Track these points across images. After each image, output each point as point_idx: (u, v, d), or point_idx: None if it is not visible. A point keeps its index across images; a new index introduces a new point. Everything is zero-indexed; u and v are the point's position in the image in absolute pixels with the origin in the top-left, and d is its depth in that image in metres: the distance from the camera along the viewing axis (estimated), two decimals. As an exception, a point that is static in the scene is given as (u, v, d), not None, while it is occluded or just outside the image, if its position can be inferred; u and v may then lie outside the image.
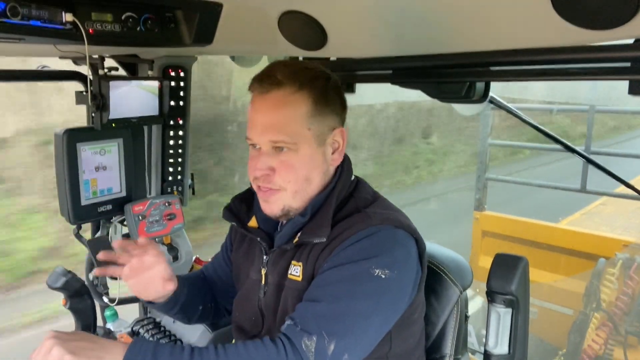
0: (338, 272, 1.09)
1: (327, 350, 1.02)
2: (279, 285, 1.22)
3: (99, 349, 0.99)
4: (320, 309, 1.06)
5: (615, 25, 0.92)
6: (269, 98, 1.14)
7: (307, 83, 1.15)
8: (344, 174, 1.24)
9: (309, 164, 1.17)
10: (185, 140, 1.94)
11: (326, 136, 1.19)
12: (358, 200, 1.21)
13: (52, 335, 0.99)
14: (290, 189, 1.17)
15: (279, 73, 1.14)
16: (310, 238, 1.16)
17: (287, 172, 1.15)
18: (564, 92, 4.99)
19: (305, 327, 1.04)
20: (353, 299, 1.06)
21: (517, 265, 1.32)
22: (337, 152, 1.22)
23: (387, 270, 1.08)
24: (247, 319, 1.31)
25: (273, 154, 1.16)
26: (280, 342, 1.03)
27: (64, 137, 1.55)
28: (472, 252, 4.82)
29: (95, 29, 1.16)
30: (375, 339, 1.12)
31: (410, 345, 1.25)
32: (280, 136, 1.13)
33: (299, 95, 1.14)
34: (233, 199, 1.38)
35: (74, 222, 1.65)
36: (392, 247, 1.12)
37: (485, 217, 4.82)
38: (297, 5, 1.25)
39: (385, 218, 1.15)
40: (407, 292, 1.16)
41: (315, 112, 1.16)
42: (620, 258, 3.83)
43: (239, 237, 1.41)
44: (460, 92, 1.51)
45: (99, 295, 1.81)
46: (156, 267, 1.28)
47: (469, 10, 1.08)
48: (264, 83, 1.15)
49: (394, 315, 1.14)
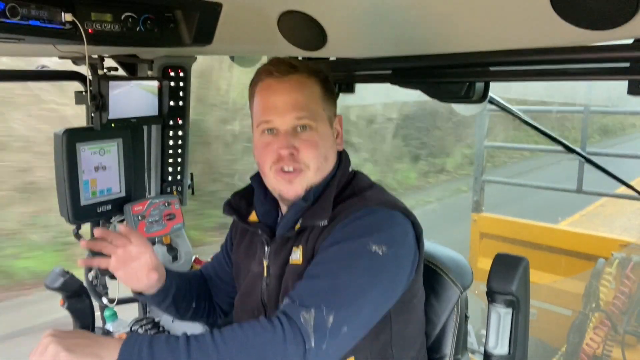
0: (337, 249, 1.11)
1: (327, 322, 1.01)
2: (280, 275, 1.23)
3: (94, 345, 0.99)
4: (318, 284, 1.08)
5: (614, 26, 0.92)
6: (289, 80, 1.22)
7: (314, 72, 1.26)
8: (343, 161, 1.30)
9: (327, 142, 1.25)
10: (185, 141, 1.94)
11: (333, 120, 1.30)
12: (356, 187, 1.26)
13: (49, 333, 1.00)
14: (313, 167, 1.22)
15: (292, 61, 1.25)
16: (313, 221, 1.19)
17: (310, 149, 1.21)
18: (564, 92, 4.99)
19: (304, 302, 1.04)
20: (351, 274, 1.08)
21: (517, 266, 1.32)
22: (339, 137, 1.32)
23: (384, 246, 1.10)
24: (249, 315, 1.31)
25: (294, 134, 1.21)
26: (277, 319, 1.03)
27: (64, 137, 1.55)
28: (471, 253, 4.82)
29: (94, 29, 1.16)
30: (373, 316, 1.12)
31: (410, 333, 1.26)
32: (304, 112, 1.20)
33: (312, 79, 1.25)
34: (233, 194, 1.40)
35: (73, 222, 1.64)
36: (389, 225, 1.15)
37: (483, 218, 4.83)
38: (297, 5, 1.25)
39: (381, 201, 1.20)
40: (405, 271, 1.17)
41: (325, 97, 1.27)
42: (617, 257, 3.84)
43: (239, 234, 1.43)
44: (460, 92, 1.51)
45: (98, 296, 1.81)
46: (142, 257, 1.28)
47: (469, 11, 1.08)
48: (281, 67, 1.22)
49: (392, 293, 1.15)
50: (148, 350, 0.98)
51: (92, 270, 1.81)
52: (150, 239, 1.79)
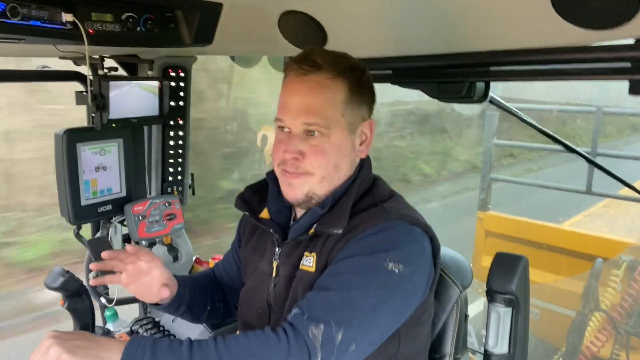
0: (351, 263, 1.08)
1: (335, 339, 0.99)
2: (290, 278, 1.20)
3: (97, 347, 0.98)
4: (330, 297, 1.04)
5: (615, 25, 0.92)
6: (308, 80, 1.13)
7: (345, 70, 1.15)
8: (365, 168, 1.24)
9: (339, 151, 1.16)
10: (185, 141, 1.94)
11: (357, 126, 1.19)
12: (376, 196, 1.20)
13: (51, 335, 0.99)
14: (318, 175, 1.16)
15: (318, 57, 1.14)
16: (327, 229, 1.15)
17: (317, 157, 1.15)
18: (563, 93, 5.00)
19: (313, 315, 1.01)
20: (365, 289, 1.05)
21: (517, 265, 1.32)
22: (365, 143, 1.22)
23: (400, 265, 1.07)
24: (254, 313, 1.28)
25: (304, 138, 1.15)
26: (283, 331, 1.01)
27: (64, 138, 1.55)
28: (475, 251, 4.81)
29: (95, 29, 1.16)
30: (383, 335, 1.10)
31: (418, 347, 1.24)
32: (315, 119, 1.13)
33: (337, 80, 1.14)
34: (246, 188, 1.36)
35: (74, 223, 1.64)
36: (408, 242, 1.11)
37: (488, 217, 4.81)
38: (297, 5, 1.25)
39: (402, 214, 1.14)
40: (419, 291, 1.14)
41: (350, 100, 1.16)
42: (625, 260, 3.82)
43: (249, 230, 1.39)
44: (461, 92, 1.51)
45: (98, 295, 1.81)
46: (153, 271, 1.27)
47: (469, 10, 1.08)
48: (303, 65, 1.14)
49: (405, 312, 1.13)
50: (151, 353, 0.97)
51: (92, 273, 1.81)
52: (151, 239, 1.79)
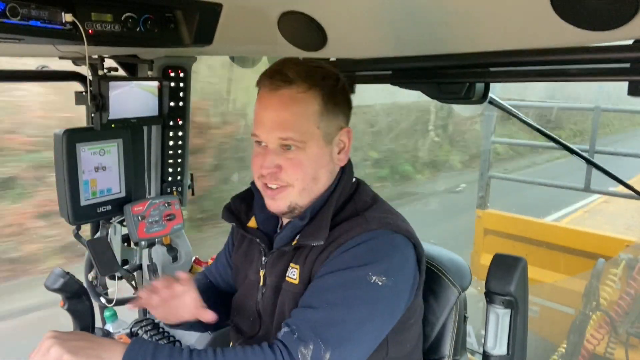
0: (334, 278, 1.09)
1: (323, 358, 1.02)
2: (276, 288, 1.21)
3: (98, 348, 0.99)
4: (316, 316, 1.06)
5: (614, 26, 0.92)
6: (279, 95, 1.13)
7: (317, 82, 1.14)
8: (345, 177, 1.23)
9: (317, 163, 1.16)
10: (185, 141, 1.94)
11: (334, 135, 1.19)
12: (357, 203, 1.20)
13: (51, 335, 0.99)
14: (298, 187, 1.16)
15: (290, 71, 1.13)
16: (308, 241, 1.15)
17: (294, 170, 1.14)
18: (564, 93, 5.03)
19: (302, 336, 1.03)
20: (349, 305, 1.06)
21: (516, 266, 1.32)
22: (343, 152, 1.22)
23: (383, 277, 1.07)
24: (245, 320, 1.30)
25: (280, 152, 1.14)
26: (278, 349, 1.03)
27: (64, 138, 1.55)
28: (474, 250, 4.82)
29: (95, 29, 1.16)
30: (371, 346, 1.11)
31: (407, 350, 1.25)
32: (289, 134, 1.12)
33: (310, 93, 1.13)
34: (233, 198, 1.36)
35: (73, 223, 1.64)
36: (390, 253, 1.11)
37: (487, 215, 4.81)
38: (297, 6, 1.25)
39: (384, 223, 1.14)
40: (403, 299, 1.15)
41: (325, 111, 1.15)
42: (624, 258, 3.82)
43: (240, 237, 1.40)
44: (460, 93, 1.51)
45: (98, 296, 1.81)
46: (184, 296, 1.25)
47: (469, 11, 1.08)
48: (275, 80, 1.13)
49: (390, 321, 1.14)
50: (151, 358, 0.98)
51: (92, 271, 1.81)
52: (150, 239, 1.79)
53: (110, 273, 1.76)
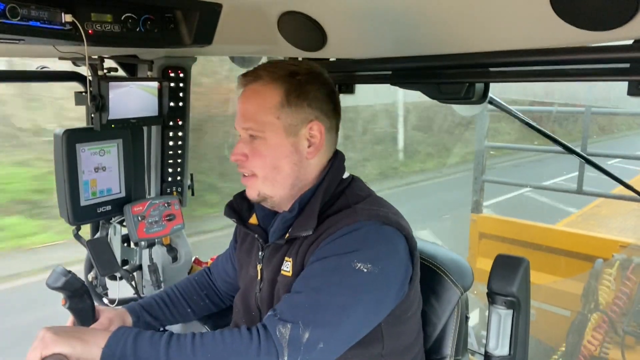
0: (321, 265, 1.11)
1: (301, 338, 1.03)
2: (272, 281, 1.24)
3: (84, 332, 1.10)
4: (299, 299, 1.09)
5: (614, 26, 0.92)
6: (246, 89, 1.23)
7: (281, 77, 1.20)
8: (332, 170, 1.26)
9: (276, 153, 1.21)
10: (185, 141, 1.94)
11: (298, 128, 1.21)
12: (349, 197, 1.23)
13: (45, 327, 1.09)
14: (260, 175, 1.23)
15: (262, 69, 1.23)
16: (299, 232, 1.18)
17: (254, 158, 1.22)
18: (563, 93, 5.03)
19: (283, 316, 1.06)
20: (332, 291, 1.08)
21: (518, 267, 1.32)
22: (314, 146, 1.23)
23: (369, 264, 1.09)
24: (246, 315, 1.33)
25: (248, 142, 1.23)
26: (256, 330, 1.06)
27: (63, 138, 1.55)
28: (470, 253, 4.83)
29: (94, 30, 1.16)
30: (356, 333, 1.12)
31: (404, 344, 1.25)
32: (249, 124, 1.21)
33: (271, 86, 1.20)
34: (235, 195, 1.39)
35: (73, 223, 1.64)
36: (377, 242, 1.13)
37: (482, 219, 4.83)
38: (297, 6, 1.25)
39: (373, 214, 1.16)
40: (392, 289, 1.16)
41: (286, 103, 1.19)
42: (618, 259, 3.84)
43: (242, 234, 1.44)
44: (460, 93, 1.51)
45: (99, 296, 1.81)
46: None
47: (469, 11, 1.08)
48: (247, 77, 1.23)
49: (377, 310, 1.14)
50: (132, 342, 1.05)
51: (92, 271, 1.81)
52: (150, 239, 1.79)
53: (110, 273, 1.76)
